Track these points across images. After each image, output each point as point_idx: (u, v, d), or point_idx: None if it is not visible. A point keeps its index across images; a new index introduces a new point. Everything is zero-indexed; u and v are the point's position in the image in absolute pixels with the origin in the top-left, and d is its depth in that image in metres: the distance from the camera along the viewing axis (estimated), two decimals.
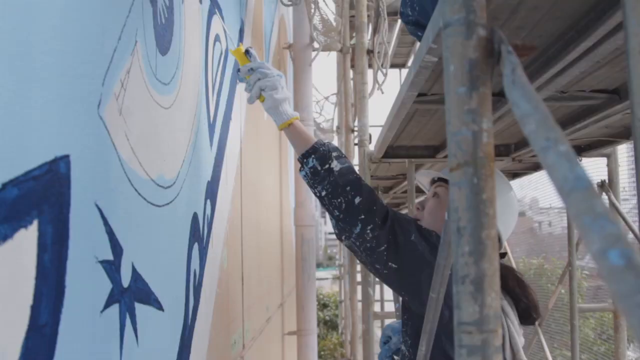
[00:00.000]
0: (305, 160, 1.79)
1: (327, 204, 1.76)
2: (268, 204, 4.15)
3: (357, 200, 1.71)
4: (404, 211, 8.94)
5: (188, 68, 1.74)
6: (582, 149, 3.53)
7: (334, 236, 1.89)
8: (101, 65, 1.08)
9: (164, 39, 1.49)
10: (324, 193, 1.74)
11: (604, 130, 2.83)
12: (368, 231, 1.69)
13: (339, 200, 1.72)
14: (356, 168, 5.05)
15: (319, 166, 1.75)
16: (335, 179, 1.73)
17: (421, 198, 5.92)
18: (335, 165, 1.75)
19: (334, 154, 1.78)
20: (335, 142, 10.04)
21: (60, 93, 0.92)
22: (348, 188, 1.72)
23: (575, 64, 1.52)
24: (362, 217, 1.70)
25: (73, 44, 0.97)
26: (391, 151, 3.39)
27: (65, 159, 0.93)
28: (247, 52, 1.89)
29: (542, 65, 1.60)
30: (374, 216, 1.70)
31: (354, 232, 1.71)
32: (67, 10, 0.95)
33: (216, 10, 2.19)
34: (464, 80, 0.75)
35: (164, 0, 1.51)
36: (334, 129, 9.45)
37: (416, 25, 1.71)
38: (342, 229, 1.74)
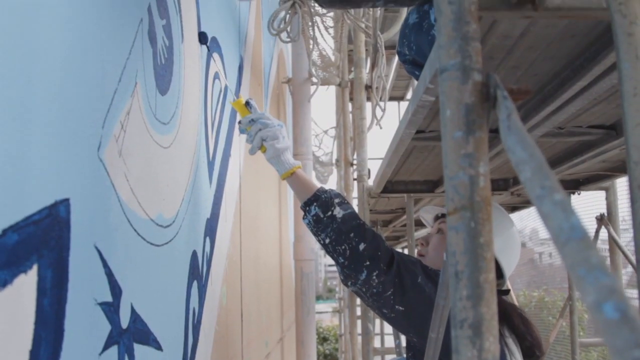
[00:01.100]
0: (307, 208, 1.80)
1: (331, 251, 1.76)
2: (267, 238, 4.14)
3: (362, 246, 1.71)
4: (404, 244, 8.92)
5: (187, 107, 1.75)
6: (581, 183, 3.54)
7: (334, 268, 1.90)
8: (101, 107, 1.09)
9: (163, 79, 1.51)
10: (327, 240, 1.75)
11: (602, 164, 2.84)
12: (374, 277, 1.69)
13: (343, 247, 1.72)
14: (355, 202, 5.04)
15: (322, 213, 1.76)
16: (338, 225, 1.74)
17: (422, 231, 5.92)
18: (338, 212, 1.76)
19: (337, 200, 1.79)
20: (334, 176, 10.06)
21: (61, 137, 0.93)
22: (352, 234, 1.73)
23: (571, 102, 1.53)
24: (367, 263, 1.70)
25: (74, 88, 0.98)
26: (390, 186, 3.41)
27: (65, 202, 0.93)
28: (247, 103, 1.92)
29: (539, 103, 1.61)
30: (379, 262, 1.70)
31: (360, 278, 1.70)
32: (68, 54, 0.97)
33: (216, 49, 2.21)
34: (461, 124, 0.76)
35: (163, 40, 1.52)
36: (333, 162, 9.47)
37: (413, 64, 1.72)
38: (348, 276, 1.74)
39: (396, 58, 9.13)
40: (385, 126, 4.27)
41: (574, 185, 3.61)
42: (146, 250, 1.34)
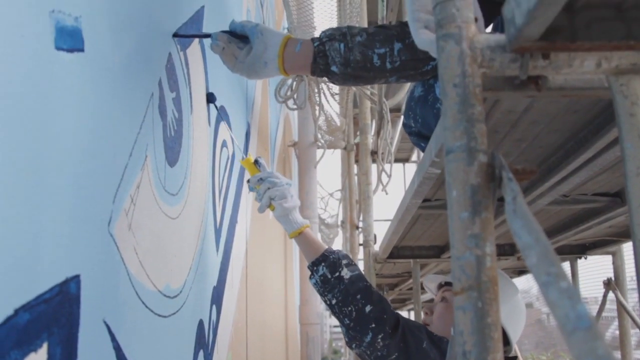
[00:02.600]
0: (315, 268, 1.81)
1: (337, 312, 1.76)
2: (273, 301, 4.13)
3: (368, 308, 1.72)
4: (410, 306, 8.85)
5: (195, 176, 1.77)
6: (587, 247, 3.54)
7: (339, 329, 1.89)
8: (113, 182, 1.11)
9: (173, 150, 1.53)
10: (334, 301, 1.75)
11: (609, 229, 2.84)
12: (379, 340, 1.69)
13: (350, 308, 1.72)
14: (361, 264, 5.02)
15: (329, 274, 1.77)
16: (345, 287, 1.74)
17: (426, 296, 5.88)
18: (346, 273, 1.76)
19: (344, 261, 1.80)
20: (340, 237, 10.03)
21: (72, 215, 0.94)
22: (359, 296, 1.73)
23: (576, 173, 1.55)
24: (373, 325, 1.70)
25: (86, 164, 1.00)
26: (396, 251, 3.41)
27: (75, 279, 0.94)
28: (256, 162, 1.95)
29: (544, 174, 1.63)
30: (385, 325, 1.70)
31: (365, 340, 1.70)
32: (81, 130, 0.99)
33: (223, 118, 2.24)
34: (467, 205, 0.77)
35: (173, 113, 1.55)
36: (339, 224, 9.46)
37: (419, 136, 1.75)
38: (353, 338, 1.74)
39: (401, 120, 9.22)
40: (390, 187, 4.29)
41: (580, 249, 3.61)
42: (154, 322, 1.34)
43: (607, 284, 3.86)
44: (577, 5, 0.78)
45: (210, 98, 2.00)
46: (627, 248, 3.86)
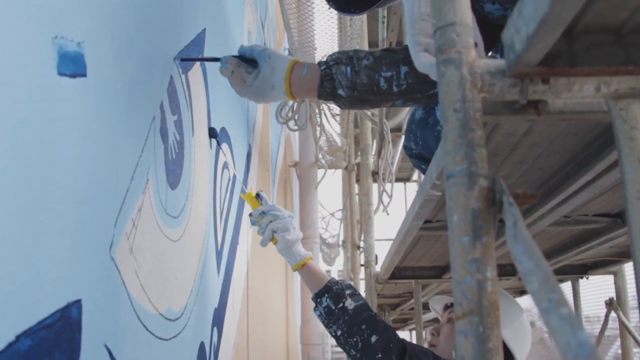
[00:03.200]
0: (319, 299, 1.81)
1: (343, 343, 1.76)
2: (274, 322, 4.11)
3: (374, 338, 1.71)
4: (412, 326, 8.82)
5: (197, 198, 1.77)
6: (589, 267, 3.53)
7: (340, 349, 1.89)
8: (114, 206, 1.11)
9: (174, 173, 1.53)
10: (339, 332, 1.75)
11: (610, 249, 2.84)
12: None
13: (355, 339, 1.72)
14: (363, 284, 5.01)
15: (333, 305, 1.77)
16: (350, 317, 1.74)
17: (429, 314, 5.86)
18: (350, 303, 1.76)
19: (348, 292, 1.80)
20: (341, 257, 10.02)
21: (74, 240, 0.94)
22: (364, 326, 1.73)
23: (576, 194, 1.55)
24: (379, 355, 1.70)
25: (88, 189, 1.00)
26: (398, 272, 3.41)
27: (77, 303, 0.94)
28: (257, 195, 1.96)
29: (545, 195, 1.63)
30: (392, 354, 1.70)
31: None
32: (83, 155, 0.99)
33: (225, 139, 2.25)
34: (468, 230, 0.77)
35: (175, 135, 1.55)
36: (340, 243, 9.45)
37: (419, 158, 1.75)
38: None
39: (402, 140, 9.23)
40: (391, 207, 4.29)
41: (582, 269, 3.60)
42: (155, 345, 1.34)
43: (609, 304, 3.85)
44: (575, 30, 0.78)
45: (212, 133, 2.01)
46: (629, 268, 3.85)
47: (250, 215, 1.96)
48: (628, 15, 0.75)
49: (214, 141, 2.08)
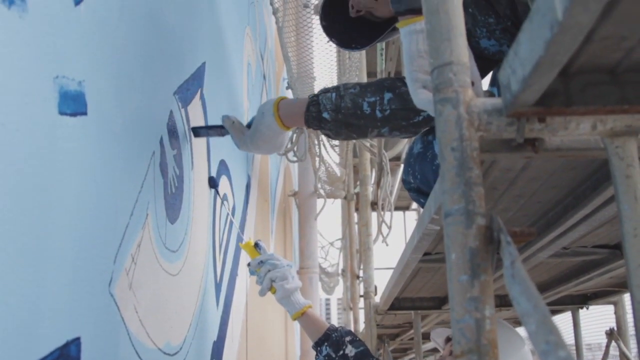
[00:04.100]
0: (319, 348, 1.81)
1: None
2: (274, 353, 4.09)
3: None
4: (412, 355, 8.77)
5: (196, 231, 1.77)
6: (589, 298, 3.52)
7: None
8: (114, 244, 1.12)
9: (173, 207, 1.54)
10: None
11: (609, 280, 2.83)
12: None
13: None
14: (362, 316, 4.98)
15: (333, 353, 1.77)
16: None
17: (428, 345, 5.83)
18: (350, 350, 1.76)
19: (348, 338, 1.80)
20: (341, 286, 10.00)
21: (73, 277, 0.95)
22: None
23: (575, 227, 1.55)
24: None
25: (87, 228, 1.01)
26: (397, 303, 3.40)
27: (76, 341, 0.94)
28: (256, 245, 1.96)
29: (544, 228, 1.63)
30: None
31: None
32: (81, 195, 0.99)
33: (224, 172, 2.26)
34: (466, 268, 0.77)
35: (174, 170, 1.56)
36: (339, 272, 9.43)
37: (418, 192, 1.76)
38: None
39: (401, 169, 9.25)
40: (391, 235, 4.28)
41: (582, 300, 3.59)
42: None
43: (610, 334, 3.84)
44: (571, 70, 0.79)
45: (212, 183, 2.02)
46: (629, 298, 3.84)
47: (249, 264, 1.95)
48: (623, 55, 0.76)
49: (213, 169, 2.09)
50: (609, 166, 0.86)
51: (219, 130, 1.81)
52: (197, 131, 1.79)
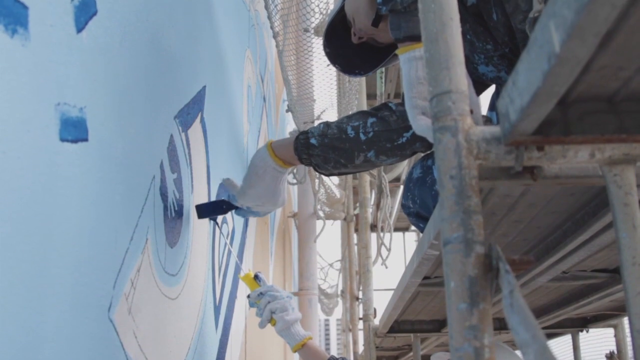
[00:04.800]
0: None
1: None
2: None
3: None
4: None
5: (195, 255, 1.77)
6: (589, 321, 3.51)
7: None
8: (113, 269, 1.12)
9: (173, 231, 1.54)
10: None
11: (609, 303, 2.83)
12: None
13: None
14: (361, 338, 4.96)
15: None
16: None
17: None
18: None
19: None
20: (340, 307, 9.97)
21: (73, 303, 0.95)
22: None
23: (574, 252, 1.55)
24: None
25: (87, 253, 1.01)
26: (396, 325, 3.38)
27: None
28: (256, 277, 1.96)
29: (543, 253, 1.63)
30: None
31: None
32: (82, 221, 1.00)
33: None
34: (465, 297, 0.77)
35: (174, 194, 1.56)
36: (339, 293, 9.41)
37: (417, 217, 1.76)
38: None
39: (400, 190, 9.25)
40: (390, 256, 4.27)
41: (582, 323, 3.58)
42: None
43: (610, 357, 3.83)
44: (569, 98, 0.80)
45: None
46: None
47: (249, 296, 1.95)
48: (620, 84, 0.77)
49: (212, 197, 2.09)
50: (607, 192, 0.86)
51: (221, 207, 1.84)
52: (200, 212, 1.81)
